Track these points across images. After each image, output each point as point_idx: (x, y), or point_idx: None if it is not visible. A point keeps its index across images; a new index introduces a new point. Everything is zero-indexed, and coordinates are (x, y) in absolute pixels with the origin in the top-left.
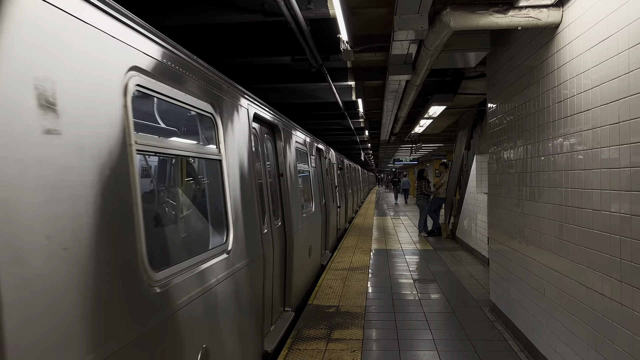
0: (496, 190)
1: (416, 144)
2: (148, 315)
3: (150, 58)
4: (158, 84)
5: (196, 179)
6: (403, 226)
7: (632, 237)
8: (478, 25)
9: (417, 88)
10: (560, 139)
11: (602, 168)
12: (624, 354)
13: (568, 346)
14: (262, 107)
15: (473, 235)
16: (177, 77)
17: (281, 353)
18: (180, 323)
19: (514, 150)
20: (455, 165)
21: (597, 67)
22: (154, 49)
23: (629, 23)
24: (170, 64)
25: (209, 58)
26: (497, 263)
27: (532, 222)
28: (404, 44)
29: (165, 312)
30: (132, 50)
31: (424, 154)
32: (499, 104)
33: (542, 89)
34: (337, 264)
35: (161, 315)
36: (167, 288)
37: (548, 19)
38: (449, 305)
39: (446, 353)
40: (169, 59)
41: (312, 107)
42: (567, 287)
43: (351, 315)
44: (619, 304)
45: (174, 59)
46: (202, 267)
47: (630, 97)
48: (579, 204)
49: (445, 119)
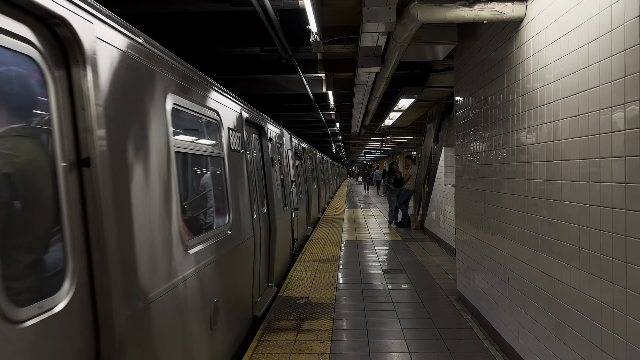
0: (462, 181)
1: (386, 137)
2: (184, 268)
3: (181, 83)
4: (184, 101)
5: (208, 172)
6: (373, 218)
7: (590, 226)
8: (445, 18)
9: (386, 81)
10: (523, 131)
11: (562, 160)
12: (582, 339)
13: (530, 332)
14: (252, 111)
15: (441, 226)
16: (195, 94)
17: (250, 345)
18: (201, 278)
19: (480, 142)
20: (423, 158)
21: (558, 61)
22: (183, 75)
23: (588, 18)
24: (192, 86)
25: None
26: (464, 253)
27: (496, 212)
28: (373, 36)
29: (192, 269)
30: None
31: (394, 146)
32: (466, 97)
33: (507, 82)
34: (308, 255)
35: (190, 271)
36: (195, 252)
37: (512, 13)
38: (417, 294)
39: (414, 341)
40: (191, 81)
41: (283, 98)
42: (529, 276)
43: (321, 306)
44: (578, 290)
45: (194, 80)
46: (213, 240)
47: (589, 90)
48: (541, 195)
49: (415, 112)
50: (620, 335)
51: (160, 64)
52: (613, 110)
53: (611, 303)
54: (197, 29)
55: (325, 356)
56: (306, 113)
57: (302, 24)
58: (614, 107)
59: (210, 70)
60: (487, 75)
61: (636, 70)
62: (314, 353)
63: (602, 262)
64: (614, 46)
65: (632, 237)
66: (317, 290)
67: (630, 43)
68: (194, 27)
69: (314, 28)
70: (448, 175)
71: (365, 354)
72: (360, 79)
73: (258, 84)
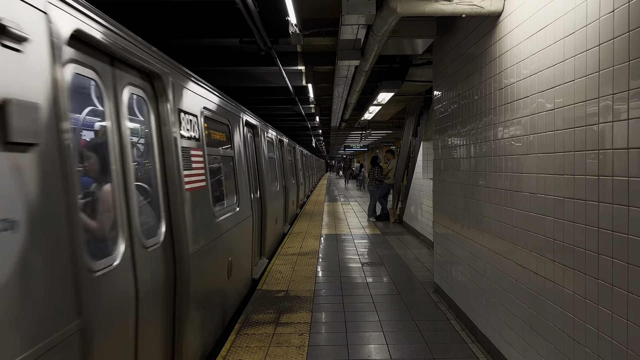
0: (441, 175)
1: (366, 131)
2: (217, 230)
3: (208, 101)
4: (211, 113)
5: (225, 166)
6: (353, 211)
7: (564, 218)
8: (424, 11)
9: (366, 74)
10: (500, 125)
11: (539, 153)
12: (555, 329)
13: (505, 324)
14: (249, 115)
15: (419, 219)
16: (216, 107)
17: (229, 338)
18: (222, 241)
19: (457, 137)
20: (402, 152)
21: (535, 55)
22: (210, 96)
23: (564, 13)
24: (213, 102)
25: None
26: (441, 246)
27: (473, 205)
28: (353, 29)
29: (218, 233)
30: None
31: (373, 140)
32: (444, 91)
33: (485, 76)
34: (287, 249)
35: (217, 235)
36: (218, 221)
37: (490, 7)
38: (395, 287)
39: (391, 333)
40: (213, 99)
41: (262, 91)
42: (505, 268)
43: (300, 299)
44: (552, 282)
45: (214, 95)
46: (228, 214)
47: (564, 84)
48: (517, 188)
49: (394, 106)
50: (592, 325)
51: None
52: (587, 105)
53: (583, 294)
54: (174, 19)
55: (304, 349)
56: (286, 106)
57: (282, 15)
58: (588, 101)
59: (187, 61)
60: (465, 69)
61: (610, 65)
62: (292, 346)
63: (575, 254)
64: (589, 41)
65: (604, 229)
66: (296, 283)
67: (604, 38)
68: (170, 17)
69: (293, 19)
70: (426, 169)
71: (344, 346)
72: (340, 72)
73: (237, 76)
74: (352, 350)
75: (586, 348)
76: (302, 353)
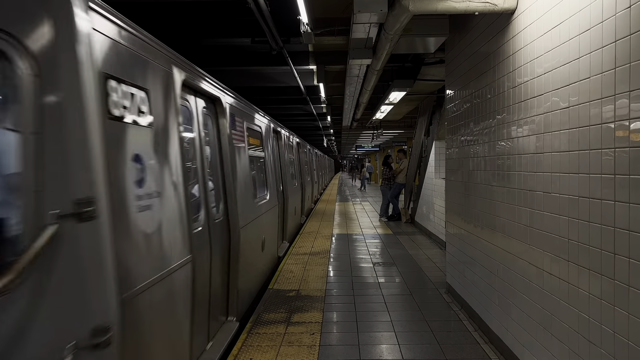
0: (453, 175)
1: (377, 130)
2: (255, 213)
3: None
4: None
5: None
6: (364, 211)
7: (579, 218)
8: (437, 9)
9: (377, 73)
10: (513, 124)
11: (553, 152)
12: (570, 330)
13: (519, 325)
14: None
15: (431, 219)
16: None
17: (240, 337)
18: (259, 221)
19: (470, 136)
20: (414, 152)
21: (550, 53)
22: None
23: (579, 10)
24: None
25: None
26: (454, 246)
27: (486, 205)
28: (365, 27)
29: (258, 214)
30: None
31: (385, 140)
32: (457, 90)
33: (498, 74)
34: (299, 249)
35: (257, 215)
36: (258, 204)
37: (504, 5)
38: (407, 287)
39: (403, 334)
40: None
41: (274, 91)
42: (518, 268)
43: (311, 298)
44: (567, 282)
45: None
46: (263, 201)
47: (579, 82)
48: (531, 187)
49: (406, 106)
50: (608, 327)
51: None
52: (603, 102)
53: (599, 295)
54: (186, 18)
55: (315, 348)
56: (297, 106)
57: (293, 15)
58: (604, 98)
59: (199, 61)
60: (478, 68)
61: (626, 62)
62: (303, 345)
63: (591, 254)
64: (605, 38)
65: (620, 228)
66: (307, 283)
67: (621, 34)
68: (182, 16)
69: (304, 18)
70: (439, 169)
71: (355, 346)
72: (351, 71)
73: (248, 75)
74: (363, 350)
75: (602, 350)
76: (313, 352)
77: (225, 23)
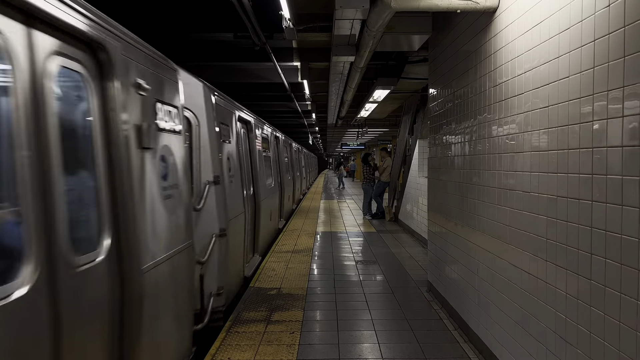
0: (435, 173)
1: (362, 128)
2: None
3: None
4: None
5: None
6: (349, 209)
7: (558, 217)
8: (418, 6)
9: (361, 71)
10: (494, 123)
11: (532, 151)
12: (547, 330)
13: (497, 324)
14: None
15: (414, 218)
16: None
17: (219, 336)
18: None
19: (452, 134)
20: (399, 150)
21: (530, 51)
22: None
23: (559, 8)
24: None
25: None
26: (435, 244)
27: (467, 204)
28: (347, 24)
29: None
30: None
31: (370, 138)
32: (440, 89)
33: (480, 73)
34: (282, 246)
35: (268, 195)
36: (269, 188)
37: (486, 3)
38: (389, 285)
39: (383, 332)
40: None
41: (258, 87)
42: (498, 267)
43: (292, 297)
44: (544, 282)
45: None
46: (270, 187)
47: (559, 81)
48: (510, 187)
49: (390, 104)
50: (584, 327)
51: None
52: (582, 102)
53: (576, 295)
54: (166, 11)
55: (294, 347)
56: (282, 103)
57: (276, 10)
58: (582, 98)
59: (179, 56)
60: (460, 66)
61: (605, 61)
62: (282, 344)
63: (568, 253)
64: (584, 37)
65: (597, 228)
66: (289, 281)
67: (600, 33)
68: (162, 9)
69: (286, 13)
70: (422, 167)
71: (335, 345)
72: (335, 68)
73: (232, 71)
74: (343, 349)
75: (578, 350)
76: (292, 352)
77: (206, 17)
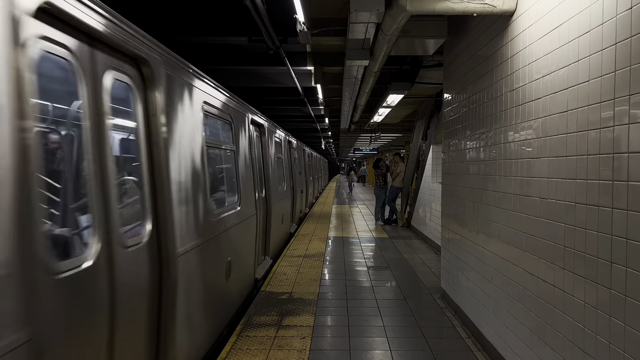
0: (449, 179)
1: (375, 133)
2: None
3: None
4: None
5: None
6: (361, 214)
7: (576, 225)
8: (434, 10)
9: (375, 75)
10: (510, 128)
11: (550, 156)
12: (564, 340)
13: (512, 332)
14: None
15: (428, 224)
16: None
17: (229, 340)
18: (280, 202)
19: (467, 140)
20: (412, 155)
21: (548, 55)
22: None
23: (579, 11)
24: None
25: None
26: (448, 251)
27: (482, 210)
28: (362, 27)
29: (289, 195)
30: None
31: (383, 143)
32: (454, 93)
33: (496, 78)
34: (293, 251)
35: (286, 197)
36: (282, 191)
37: (503, 7)
38: (401, 292)
39: (395, 339)
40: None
41: (272, 91)
42: (513, 275)
43: (304, 301)
44: (561, 290)
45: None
46: (281, 190)
47: (578, 85)
48: (527, 193)
49: (404, 109)
50: (603, 337)
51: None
52: (602, 106)
53: (595, 304)
54: (181, 15)
55: (305, 352)
56: (295, 107)
57: (290, 13)
58: (603, 102)
59: (194, 59)
60: (476, 71)
61: (627, 65)
62: (293, 349)
63: (587, 261)
64: (605, 40)
65: (618, 236)
66: (300, 285)
67: (622, 36)
68: (177, 13)
69: (301, 17)
70: (436, 173)
71: (346, 351)
72: (349, 72)
73: (246, 75)
74: (354, 355)
75: None
76: (303, 357)
77: (220, 21)
